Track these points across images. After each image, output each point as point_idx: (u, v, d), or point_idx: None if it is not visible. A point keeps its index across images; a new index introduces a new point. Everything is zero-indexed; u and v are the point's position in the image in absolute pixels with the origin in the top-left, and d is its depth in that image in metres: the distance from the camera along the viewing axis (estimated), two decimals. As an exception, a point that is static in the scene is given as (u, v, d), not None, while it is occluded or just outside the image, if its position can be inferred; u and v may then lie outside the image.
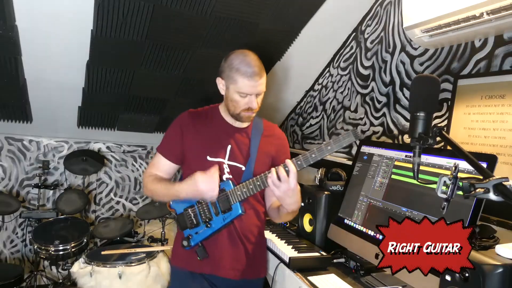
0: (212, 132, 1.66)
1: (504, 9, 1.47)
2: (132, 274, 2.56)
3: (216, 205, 1.58)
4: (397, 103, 2.24)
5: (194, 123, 1.67)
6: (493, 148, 1.63)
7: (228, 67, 1.55)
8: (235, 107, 1.58)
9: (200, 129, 1.66)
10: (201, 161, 1.61)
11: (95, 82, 2.80)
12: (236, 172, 1.64)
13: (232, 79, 1.54)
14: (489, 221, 1.53)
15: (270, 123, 1.80)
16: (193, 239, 1.62)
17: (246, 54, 1.56)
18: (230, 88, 1.56)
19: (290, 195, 1.48)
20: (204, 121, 1.69)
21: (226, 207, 1.57)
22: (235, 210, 1.56)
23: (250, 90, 1.53)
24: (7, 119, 3.20)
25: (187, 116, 1.70)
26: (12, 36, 2.30)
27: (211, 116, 1.70)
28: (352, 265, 1.76)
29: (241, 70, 1.51)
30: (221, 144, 1.65)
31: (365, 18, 2.59)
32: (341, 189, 2.00)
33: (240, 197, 1.55)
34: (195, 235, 1.62)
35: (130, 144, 3.92)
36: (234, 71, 1.52)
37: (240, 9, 2.34)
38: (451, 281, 1.05)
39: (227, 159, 1.63)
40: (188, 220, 1.63)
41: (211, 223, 1.59)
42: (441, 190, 0.92)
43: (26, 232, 3.58)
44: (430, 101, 1.06)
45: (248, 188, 1.55)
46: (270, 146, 1.71)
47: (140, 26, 2.34)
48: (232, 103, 1.58)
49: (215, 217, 1.59)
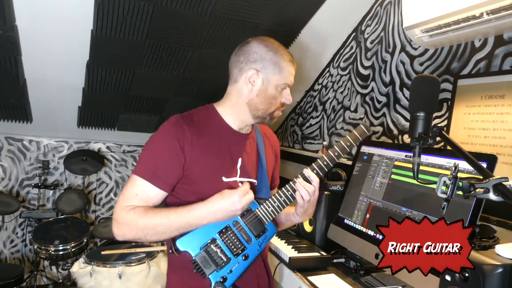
0: (218, 143, 1.30)
1: (504, 9, 1.47)
2: (132, 274, 2.56)
3: (245, 230, 1.27)
4: (397, 103, 2.24)
5: (194, 134, 1.26)
6: (493, 148, 1.63)
7: (269, 54, 1.26)
8: (270, 105, 1.29)
9: (204, 140, 1.27)
10: (215, 185, 1.26)
11: (95, 82, 2.80)
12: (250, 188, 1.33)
13: (277, 68, 1.26)
14: (489, 221, 1.53)
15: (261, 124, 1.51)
16: (229, 281, 1.25)
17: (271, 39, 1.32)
18: (271, 81, 1.27)
19: (313, 205, 1.38)
20: (206, 131, 1.29)
21: (260, 229, 1.28)
22: (271, 231, 1.31)
23: (292, 79, 1.31)
24: (7, 119, 3.20)
25: (181, 128, 1.24)
26: (12, 36, 2.30)
27: (211, 121, 1.33)
28: (352, 265, 1.76)
29: (284, 55, 1.27)
30: (232, 159, 1.32)
31: (365, 18, 2.59)
32: (341, 189, 2.00)
33: (273, 214, 1.29)
34: (228, 275, 1.24)
35: (130, 144, 3.92)
36: (278, 56, 1.26)
37: (240, 9, 2.34)
38: (451, 281, 1.05)
39: (239, 176, 1.32)
40: (214, 258, 1.24)
41: (247, 254, 1.27)
42: (441, 190, 0.92)
43: (26, 232, 3.58)
44: (430, 101, 1.06)
45: (280, 202, 1.30)
46: (271, 151, 1.51)
47: (140, 26, 2.34)
48: (269, 100, 1.28)
49: (249, 246, 1.27)
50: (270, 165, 1.45)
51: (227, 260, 1.25)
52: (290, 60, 1.29)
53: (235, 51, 1.33)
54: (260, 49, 1.28)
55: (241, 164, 1.33)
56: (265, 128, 1.53)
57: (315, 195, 1.32)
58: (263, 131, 1.49)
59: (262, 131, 1.49)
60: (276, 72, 1.27)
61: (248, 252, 1.27)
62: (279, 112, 1.34)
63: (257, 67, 1.27)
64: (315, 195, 1.32)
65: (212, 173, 1.27)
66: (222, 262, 1.24)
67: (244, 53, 1.29)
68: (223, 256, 1.25)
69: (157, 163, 1.23)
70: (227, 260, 1.25)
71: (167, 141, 1.24)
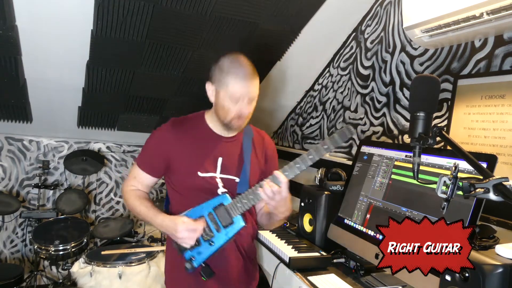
0: (200, 144, 1.55)
1: (504, 9, 1.47)
2: (132, 274, 2.57)
3: (216, 221, 1.50)
4: (397, 103, 2.24)
5: (179, 136, 1.55)
6: (493, 148, 1.63)
7: (218, 71, 1.47)
8: (225, 115, 1.48)
9: (187, 141, 1.55)
10: (192, 178, 1.52)
11: (95, 82, 2.80)
12: (230, 185, 1.56)
13: (223, 83, 1.45)
14: (489, 221, 1.53)
15: (259, 129, 1.73)
16: (196, 260, 1.52)
17: (236, 55, 1.49)
18: (221, 93, 1.46)
19: (283, 204, 1.47)
20: (190, 132, 1.57)
21: (227, 221, 1.49)
22: (237, 223, 1.49)
23: (243, 92, 1.44)
24: (7, 119, 3.20)
25: (171, 128, 1.56)
26: (12, 36, 2.31)
27: (197, 126, 1.59)
28: (352, 265, 1.76)
29: (233, 72, 1.43)
30: (211, 157, 1.55)
31: (365, 18, 2.59)
32: (341, 189, 2.00)
33: (241, 209, 1.48)
34: (197, 255, 1.52)
35: (130, 144, 3.92)
36: (225, 73, 1.44)
37: (240, 9, 2.34)
38: (451, 281, 1.05)
39: (219, 173, 1.55)
40: None
41: (213, 241, 1.50)
42: (441, 190, 0.92)
43: (26, 232, 3.58)
44: (430, 101, 1.06)
45: (248, 199, 1.47)
46: (261, 154, 1.66)
47: (140, 26, 2.34)
48: (223, 110, 1.48)
49: (217, 234, 1.50)
50: (255, 166, 1.61)
51: (198, 243, 1.50)
52: (240, 77, 1.43)
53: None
54: (216, 66, 1.49)
55: (221, 162, 1.55)
56: (262, 133, 1.71)
57: (282, 195, 1.41)
58: (257, 135, 1.68)
59: (256, 135, 1.67)
60: (223, 86, 1.46)
61: (214, 239, 1.50)
62: (239, 123, 1.50)
63: (211, 80, 1.51)
64: (281, 194, 1.41)
65: (189, 168, 1.53)
66: (194, 244, 1.49)
67: (212, 66, 1.52)
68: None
69: (147, 155, 1.60)
70: (198, 244, 1.50)
71: (157, 138, 1.57)
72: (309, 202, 2.09)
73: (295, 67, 2.99)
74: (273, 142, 1.77)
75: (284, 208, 1.50)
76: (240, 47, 2.66)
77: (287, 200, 1.47)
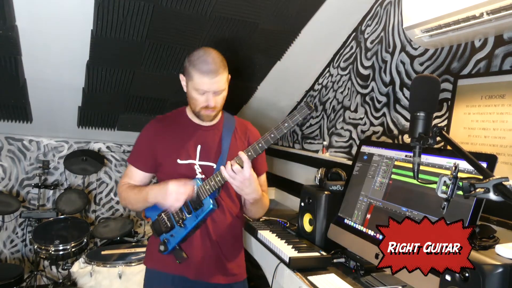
0: (180, 134, 1.66)
1: (504, 9, 1.47)
2: (132, 274, 2.57)
3: (187, 204, 1.58)
4: (397, 103, 2.24)
5: (163, 130, 1.66)
6: (493, 148, 1.63)
7: (188, 63, 1.55)
8: (194, 105, 1.58)
9: (169, 133, 1.65)
10: (172, 165, 1.61)
11: (95, 82, 2.80)
12: (208, 171, 1.63)
13: (189, 76, 1.53)
14: (489, 221, 1.53)
15: (243, 120, 1.79)
16: (170, 242, 1.61)
17: (206, 50, 1.55)
18: (189, 85, 1.56)
19: (247, 185, 1.51)
20: (172, 125, 1.67)
21: (196, 203, 1.56)
22: (207, 205, 1.55)
23: (206, 87, 1.52)
24: (7, 119, 3.20)
25: (155, 124, 1.69)
26: (12, 36, 2.31)
27: (178, 119, 1.70)
28: (352, 265, 1.76)
29: (197, 66, 1.50)
30: (190, 145, 1.64)
31: (365, 18, 2.59)
32: (341, 189, 2.00)
33: (209, 191, 1.55)
34: (171, 238, 1.61)
35: (130, 144, 3.92)
36: (191, 67, 1.52)
37: (240, 9, 2.34)
38: (451, 281, 1.05)
39: (198, 160, 1.63)
40: (162, 224, 1.63)
41: (185, 223, 1.58)
42: (441, 190, 0.92)
43: (26, 232, 3.58)
44: (430, 101, 1.06)
45: (215, 181, 1.54)
46: (243, 142, 1.71)
47: (140, 26, 2.34)
48: (192, 100, 1.58)
49: (188, 217, 1.58)
50: (233, 152, 1.61)
51: (171, 226, 1.61)
52: (202, 72, 1.50)
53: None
54: (187, 59, 1.56)
55: (200, 149, 1.64)
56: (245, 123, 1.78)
57: (244, 175, 1.48)
58: (240, 125, 1.74)
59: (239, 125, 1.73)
60: (190, 78, 1.54)
61: (186, 222, 1.58)
62: (207, 112, 1.58)
63: (184, 72, 1.59)
64: (243, 173, 1.48)
65: (169, 156, 1.62)
66: (167, 228, 1.62)
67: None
68: (168, 222, 1.62)
69: (136, 151, 1.71)
70: (171, 226, 1.61)
71: (144, 136, 1.70)
72: (309, 202, 2.09)
73: (295, 67, 2.99)
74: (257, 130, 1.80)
75: (248, 190, 1.53)
76: (240, 47, 2.66)
77: (252, 181, 1.52)
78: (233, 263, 1.72)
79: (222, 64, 1.55)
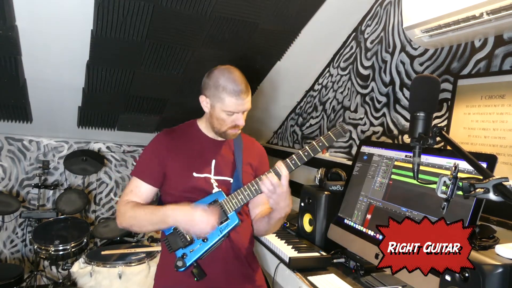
0: (194, 148, 1.59)
1: (504, 9, 1.47)
2: (132, 274, 2.56)
3: None
4: (397, 103, 2.24)
5: (174, 142, 1.58)
6: (493, 148, 1.63)
7: (213, 85, 1.49)
8: (221, 125, 1.53)
9: (181, 147, 1.58)
10: (187, 179, 1.54)
11: (95, 82, 2.80)
12: (225, 185, 1.57)
13: (218, 98, 1.48)
14: (489, 221, 1.53)
15: (248, 135, 1.76)
16: (188, 257, 1.47)
17: (232, 71, 1.50)
18: (216, 107, 1.50)
19: (284, 198, 1.46)
20: (183, 138, 1.61)
21: (222, 217, 1.47)
22: (232, 220, 1.48)
23: (237, 108, 1.48)
24: (7, 119, 3.20)
25: (164, 136, 1.61)
26: (12, 36, 2.31)
27: (190, 132, 1.64)
28: (352, 265, 1.76)
29: (228, 89, 1.46)
30: (205, 159, 1.58)
31: (365, 18, 2.59)
32: (341, 189, 2.00)
33: (236, 205, 1.49)
34: (190, 253, 1.48)
35: (130, 144, 3.92)
36: (220, 89, 1.47)
37: (240, 9, 2.34)
38: (451, 281, 1.05)
39: (213, 174, 1.57)
40: (180, 238, 1.48)
41: (207, 237, 1.47)
42: (441, 190, 0.92)
43: (26, 232, 3.58)
44: (430, 101, 1.06)
45: (243, 195, 1.49)
46: (252, 157, 1.68)
47: (140, 26, 2.34)
48: (218, 121, 1.52)
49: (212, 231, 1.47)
50: (247, 166, 1.63)
51: (191, 241, 1.48)
52: (234, 95, 1.46)
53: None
54: (210, 79, 1.50)
55: (215, 164, 1.58)
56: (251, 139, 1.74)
57: (283, 188, 1.43)
58: (247, 141, 1.71)
59: (246, 140, 1.70)
60: (219, 101, 1.48)
61: (208, 236, 1.47)
62: (234, 131, 1.55)
63: (206, 93, 1.52)
64: (282, 187, 1.43)
65: (184, 170, 1.55)
66: (186, 242, 1.48)
67: (204, 79, 1.54)
68: (188, 237, 1.48)
69: (144, 164, 1.59)
70: (190, 241, 1.48)
71: (152, 149, 1.59)
72: (309, 202, 2.09)
73: (295, 67, 2.98)
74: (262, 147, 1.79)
75: (284, 203, 1.48)
76: (240, 47, 2.66)
77: (288, 194, 1.47)
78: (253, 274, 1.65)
79: (247, 82, 1.51)
